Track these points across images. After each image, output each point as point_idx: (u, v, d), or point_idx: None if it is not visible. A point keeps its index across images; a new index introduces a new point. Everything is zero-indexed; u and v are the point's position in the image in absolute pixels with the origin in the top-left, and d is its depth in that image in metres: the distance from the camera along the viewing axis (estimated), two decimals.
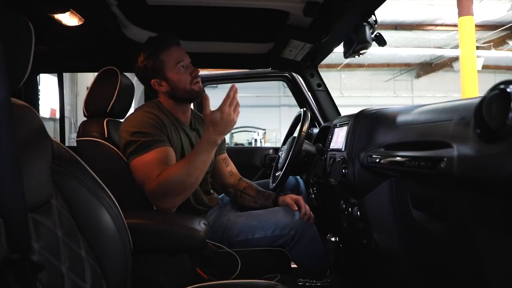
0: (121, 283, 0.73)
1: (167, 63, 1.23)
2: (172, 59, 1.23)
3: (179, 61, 1.24)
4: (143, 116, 1.18)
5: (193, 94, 1.26)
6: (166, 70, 1.23)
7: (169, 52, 1.23)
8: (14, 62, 0.61)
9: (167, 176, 1.06)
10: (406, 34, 9.52)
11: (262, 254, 1.28)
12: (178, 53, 1.25)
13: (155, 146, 1.12)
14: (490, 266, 0.57)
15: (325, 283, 1.32)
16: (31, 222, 0.58)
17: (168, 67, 1.23)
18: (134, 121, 1.18)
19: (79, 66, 2.11)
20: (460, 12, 6.69)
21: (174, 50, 1.25)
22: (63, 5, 1.23)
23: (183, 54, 1.27)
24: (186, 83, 1.24)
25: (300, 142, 1.37)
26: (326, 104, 1.98)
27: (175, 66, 1.23)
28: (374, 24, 1.35)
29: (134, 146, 1.12)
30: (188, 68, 1.26)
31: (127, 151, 1.13)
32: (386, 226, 0.90)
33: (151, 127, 1.15)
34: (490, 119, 0.46)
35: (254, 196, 1.43)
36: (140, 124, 1.15)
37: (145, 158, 1.10)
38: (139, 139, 1.12)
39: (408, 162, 0.68)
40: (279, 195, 1.40)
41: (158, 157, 1.10)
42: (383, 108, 0.98)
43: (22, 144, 0.60)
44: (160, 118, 1.20)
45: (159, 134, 1.15)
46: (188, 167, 1.06)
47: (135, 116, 1.20)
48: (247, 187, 1.46)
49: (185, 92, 1.25)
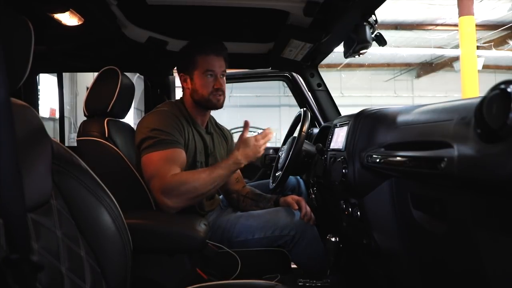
0: (121, 283, 0.72)
1: (198, 65, 1.28)
2: (204, 64, 1.28)
3: (209, 69, 1.28)
4: (165, 116, 1.23)
5: (210, 104, 1.31)
6: (195, 71, 1.29)
7: (205, 57, 1.28)
8: (14, 62, 0.61)
9: (184, 178, 1.10)
10: (406, 34, 9.51)
11: (262, 255, 1.28)
12: (213, 62, 1.29)
13: (171, 146, 1.16)
14: (490, 266, 0.57)
15: (325, 283, 1.32)
16: (30, 222, 0.58)
17: (197, 70, 1.29)
18: (156, 119, 1.22)
19: (79, 66, 2.12)
20: (461, 11, 6.69)
21: (211, 58, 1.29)
22: (62, 5, 1.23)
23: (217, 66, 1.30)
24: (206, 91, 1.29)
25: (300, 142, 1.37)
26: (326, 104, 1.98)
27: (203, 71, 1.28)
28: (374, 23, 1.35)
29: (151, 141, 1.15)
30: (215, 79, 1.29)
31: (143, 144, 1.16)
32: (386, 226, 0.90)
33: (171, 128, 1.19)
34: (491, 119, 0.46)
35: (256, 199, 1.45)
36: (161, 123, 1.20)
37: (160, 155, 1.13)
38: (158, 136, 1.16)
39: (408, 162, 0.68)
40: (279, 196, 1.41)
41: (172, 156, 1.14)
42: (383, 108, 0.98)
43: (21, 144, 0.60)
44: (180, 121, 1.24)
45: (177, 136, 1.20)
46: (206, 177, 1.12)
47: (158, 114, 1.25)
48: (249, 192, 1.49)
49: (202, 99, 1.30)
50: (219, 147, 1.45)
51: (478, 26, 7.45)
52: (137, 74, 4.31)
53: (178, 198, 1.08)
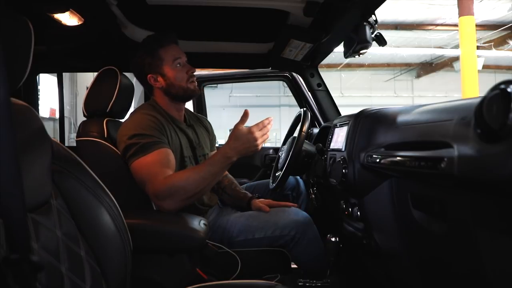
0: (120, 283, 0.73)
1: (164, 59, 1.26)
2: (170, 55, 1.26)
3: (177, 58, 1.27)
4: (142, 119, 1.18)
5: (188, 92, 1.29)
6: (164, 66, 1.26)
7: (167, 49, 1.27)
8: (14, 62, 0.61)
9: (174, 181, 1.05)
10: (406, 34, 9.51)
11: (262, 254, 1.27)
12: (176, 51, 1.29)
13: (155, 148, 1.12)
14: (490, 266, 0.57)
15: (325, 283, 1.32)
16: (30, 222, 0.58)
17: (165, 64, 1.26)
18: (133, 124, 1.17)
19: (78, 66, 2.11)
20: (461, 11, 6.69)
21: (173, 47, 1.28)
22: (62, 5, 1.23)
23: (181, 53, 1.30)
24: (182, 80, 1.27)
25: (300, 142, 1.37)
26: (326, 104, 1.98)
27: (172, 62, 1.26)
28: (374, 23, 1.35)
29: (134, 149, 1.11)
30: (184, 67, 1.29)
31: (127, 154, 1.13)
32: (386, 226, 0.90)
33: (150, 129, 1.15)
34: (491, 119, 0.46)
35: (231, 195, 1.47)
36: (139, 127, 1.15)
37: (146, 160, 1.10)
38: (139, 141, 1.11)
39: (408, 162, 0.68)
40: (252, 199, 1.40)
41: (159, 158, 1.11)
42: (383, 108, 0.98)
43: (21, 144, 0.60)
44: (158, 120, 1.20)
45: (158, 136, 1.15)
46: (195, 176, 1.06)
47: (134, 119, 1.20)
48: (227, 185, 1.49)
49: (181, 89, 1.27)
50: (202, 137, 1.43)
51: (478, 26, 7.45)
52: None
53: (171, 200, 1.05)
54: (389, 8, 7.88)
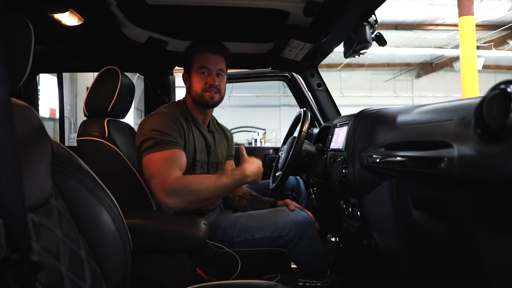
0: (120, 283, 0.73)
1: (194, 63, 1.34)
2: (200, 62, 1.33)
3: (204, 66, 1.32)
4: (166, 118, 1.24)
5: (202, 101, 1.33)
6: (192, 70, 1.35)
7: (201, 55, 1.33)
8: (14, 62, 0.61)
9: (189, 182, 1.12)
10: (406, 34, 9.51)
11: (262, 254, 1.28)
12: (208, 60, 1.33)
13: (171, 147, 1.17)
14: (490, 266, 0.57)
15: (325, 283, 1.32)
16: (30, 222, 0.58)
17: (193, 68, 1.34)
18: (156, 120, 1.24)
19: (79, 66, 2.12)
20: (461, 11, 6.69)
21: (207, 56, 1.33)
22: (62, 5, 1.23)
23: (212, 64, 1.33)
24: (199, 87, 1.32)
25: (300, 142, 1.37)
26: (326, 104, 1.98)
27: (198, 69, 1.32)
28: (374, 23, 1.35)
29: (151, 142, 1.16)
30: (208, 76, 1.32)
31: (143, 145, 1.17)
32: (386, 226, 0.90)
33: (170, 129, 1.21)
34: (491, 119, 0.46)
35: (252, 201, 1.47)
36: (161, 125, 1.21)
37: (160, 155, 1.14)
38: (158, 137, 1.17)
39: (408, 162, 0.68)
40: (276, 200, 1.42)
41: (172, 157, 1.15)
42: (383, 108, 0.98)
43: (21, 144, 0.60)
44: (180, 122, 1.26)
45: (177, 138, 1.21)
46: (211, 184, 1.13)
47: (158, 116, 1.26)
48: (246, 193, 1.50)
49: (196, 96, 1.33)
50: (220, 145, 1.46)
51: (478, 26, 7.45)
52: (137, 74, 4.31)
53: (180, 199, 1.09)
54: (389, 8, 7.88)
